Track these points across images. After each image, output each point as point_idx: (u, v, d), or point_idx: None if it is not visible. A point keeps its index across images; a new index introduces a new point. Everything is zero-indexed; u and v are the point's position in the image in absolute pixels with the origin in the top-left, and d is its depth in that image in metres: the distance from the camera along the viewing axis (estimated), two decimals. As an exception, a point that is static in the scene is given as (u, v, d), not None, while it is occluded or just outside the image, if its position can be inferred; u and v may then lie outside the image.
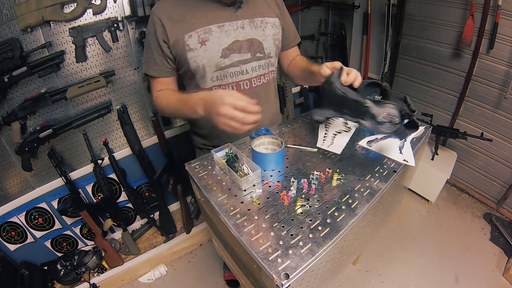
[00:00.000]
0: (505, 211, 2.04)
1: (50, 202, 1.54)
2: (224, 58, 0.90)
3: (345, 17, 2.47)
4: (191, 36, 0.87)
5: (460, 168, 2.24)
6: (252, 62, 0.94)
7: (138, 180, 1.80)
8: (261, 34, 0.93)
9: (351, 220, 0.68)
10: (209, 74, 0.91)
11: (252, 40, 0.92)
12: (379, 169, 0.86)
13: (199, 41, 0.87)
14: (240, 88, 0.96)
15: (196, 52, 0.88)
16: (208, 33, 0.87)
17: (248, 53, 0.93)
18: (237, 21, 0.90)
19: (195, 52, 0.88)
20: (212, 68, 0.90)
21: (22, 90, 1.26)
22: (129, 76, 1.50)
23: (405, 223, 2.01)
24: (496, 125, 1.93)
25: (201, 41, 0.87)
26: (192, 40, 0.87)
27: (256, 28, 0.92)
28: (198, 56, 0.88)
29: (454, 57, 2.03)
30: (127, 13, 1.35)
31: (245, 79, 0.95)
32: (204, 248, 1.94)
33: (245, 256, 0.67)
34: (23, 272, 1.45)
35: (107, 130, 1.56)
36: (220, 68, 0.91)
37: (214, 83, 0.94)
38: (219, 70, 0.91)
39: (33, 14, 1.14)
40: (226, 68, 0.92)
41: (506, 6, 1.67)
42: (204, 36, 0.87)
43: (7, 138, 1.30)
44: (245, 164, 0.84)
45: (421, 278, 1.65)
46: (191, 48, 0.87)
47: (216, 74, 0.92)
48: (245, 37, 0.91)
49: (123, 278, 1.72)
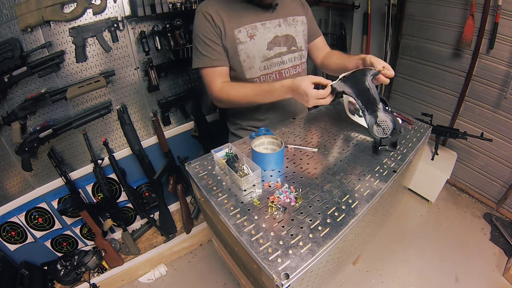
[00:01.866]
0: (505, 211, 2.04)
1: (50, 202, 1.54)
2: (269, 50, 1.03)
3: (345, 17, 2.47)
4: (241, 31, 0.99)
5: (460, 168, 2.24)
6: (288, 54, 1.08)
7: (138, 180, 1.80)
8: (294, 30, 1.08)
9: (351, 220, 0.68)
10: (257, 64, 1.04)
11: (287, 35, 1.07)
12: (379, 169, 0.86)
13: (248, 36, 1.00)
14: (282, 76, 1.09)
15: (246, 45, 1.00)
16: (255, 29, 1.00)
17: (285, 47, 1.07)
18: (275, 20, 1.04)
19: (245, 45, 1.00)
20: (260, 58, 1.03)
21: (22, 90, 1.26)
22: (129, 76, 1.50)
23: (405, 223, 2.01)
24: (496, 125, 1.93)
25: (250, 36, 1.00)
26: (241, 34, 0.99)
27: (289, 25, 1.07)
28: (248, 48, 1.01)
29: (454, 57, 2.03)
30: (127, 13, 1.35)
31: (285, 68, 1.09)
32: (204, 248, 1.94)
33: (245, 256, 0.67)
34: (23, 272, 1.45)
35: (107, 130, 1.56)
36: (267, 58, 1.04)
37: (262, 72, 1.06)
38: (266, 61, 1.04)
39: (33, 14, 1.14)
40: (271, 59, 1.05)
41: (506, 6, 1.67)
42: (252, 32, 1.00)
43: (7, 138, 1.30)
44: (245, 164, 0.84)
45: (421, 278, 1.65)
46: (242, 41, 0.99)
47: (264, 64, 1.05)
48: (282, 33, 1.05)
49: (123, 278, 1.72)
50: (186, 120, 1.82)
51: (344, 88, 0.90)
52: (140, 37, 1.42)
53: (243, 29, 0.99)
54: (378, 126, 0.84)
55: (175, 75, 1.65)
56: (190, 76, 1.71)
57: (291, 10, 1.09)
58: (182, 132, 1.83)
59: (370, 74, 0.88)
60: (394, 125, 0.84)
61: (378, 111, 0.84)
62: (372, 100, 0.86)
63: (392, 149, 0.90)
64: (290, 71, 1.10)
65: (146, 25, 1.43)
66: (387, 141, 0.88)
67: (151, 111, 1.66)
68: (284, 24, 1.06)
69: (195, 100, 1.76)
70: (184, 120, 1.82)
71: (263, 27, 1.01)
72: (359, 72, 0.89)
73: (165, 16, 1.42)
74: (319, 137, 1.03)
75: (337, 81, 0.89)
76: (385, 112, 0.85)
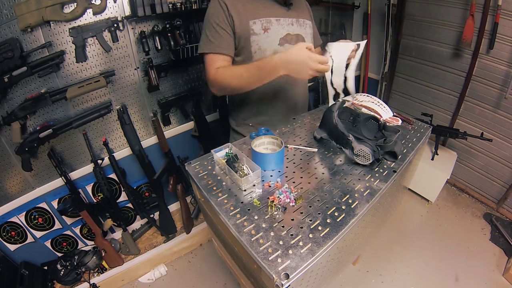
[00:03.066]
0: (505, 211, 2.04)
1: (50, 202, 1.54)
2: (281, 46, 1.04)
3: (345, 17, 2.47)
4: (255, 23, 1.00)
5: (460, 168, 2.24)
6: None
7: (138, 180, 1.81)
8: (304, 31, 1.11)
9: (351, 220, 0.68)
10: None
11: (298, 35, 1.09)
12: (379, 169, 0.86)
13: (262, 28, 1.01)
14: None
15: (260, 37, 1.01)
16: (269, 23, 1.02)
17: None
18: (289, 18, 1.06)
19: (258, 37, 1.01)
20: (271, 52, 1.03)
21: (22, 90, 1.26)
22: (129, 76, 1.50)
23: (405, 223, 2.01)
24: (496, 125, 1.93)
25: (264, 29, 1.01)
26: (256, 26, 1.00)
27: (300, 26, 1.10)
28: (260, 40, 1.02)
29: (454, 57, 2.03)
30: (127, 13, 1.36)
31: None
32: (204, 248, 1.94)
33: (245, 256, 0.67)
34: (23, 272, 1.45)
35: (107, 130, 1.56)
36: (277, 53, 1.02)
37: None
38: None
39: (33, 14, 1.14)
40: None
41: (506, 6, 1.67)
42: (266, 25, 1.01)
43: (7, 138, 1.30)
44: (245, 164, 0.84)
45: (421, 278, 1.65)
46: (256, 33, 1.00)
47: None
48: (294, 32, 1.07)
49: (123, 278, 1.72)
50: (186, 120, 1.82)
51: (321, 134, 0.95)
52: (140, 37, 1.42)
53: (258, 21, 1.00)
54: (357, 156, 0.84)
55: (175, 75, 1.65)
56: (190, 76, 1.71)
57: (303, 13, 1.12)
58: (182, 132, 1.83)
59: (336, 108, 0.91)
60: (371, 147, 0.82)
61: (352, 142, 0.84)
62: (341, 135, 0.87)
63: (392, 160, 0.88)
64: None
65: (146, 25, 1.43)
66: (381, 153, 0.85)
67: (151, 111, 1.66)
68: (297, 24, 1.08)
69: (195, 100, 1.76)
70: (184, 120, 1.82)
71: (277, 23, 1.03)
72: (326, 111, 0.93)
73: (165, 16, 1.42)
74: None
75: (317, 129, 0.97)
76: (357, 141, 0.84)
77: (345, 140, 0.86)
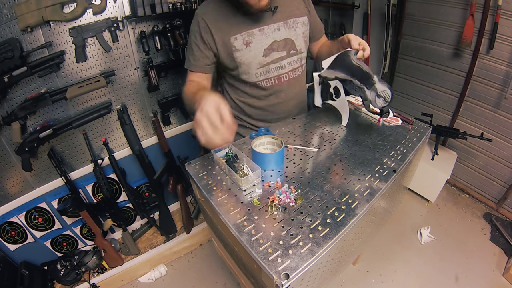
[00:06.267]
0: (505, 211, 2.04)
1: (50, 202, 1.54)
2: (266, 56, 1.03)
3: (345, 17, 2.47)
4: (237, 39, 0.98)
5: (460, 168, 2.24)
6: (288, 58, 1.08)
7: (138, 180, 1.81)
8: (293, 33, 1.07)
9: (351, 220, 0.68)
10: (253, 70, 1.04)
11: (286, 39, 1.06)
12: (379, 169, 0.86)
13: (244, 43, 0.99)
14: (281, 81, 1.10)
15: (242, 52, 1.00)
16: (251, 36, 1.00)
17: (284, 51, 1.06)
18: (274, 24, 1.03)
19: (241, 52, 1.00)
20: (256, 65, 1.03)
21: (22, 90, 1.26)
22: (129, 76, 1.50)
23: (405, 223, 2.01)
24: (496, 125, 1.93)
25: (246, 43, 1.00)
26: (237, 42, 0.99)
27: (289, 29, 1.06)
28: (244, 55, 1.00)
29: (454, 57, 2.03)
30: (127, 13, 1.35)
31: (283, 72, 1.09)
32: (204, 248, 1.94)
33: (245, 256, 0.67)
34: (23, 272, 1.45)
35: (107, 130, 1.56)
36: (263, 65, 1.04)
37: (258, 78, 1.06)
38: (262, 67, 1.05)
39: (33, 14, 1.14)
40: (268, 65, 1.05)
41: (506, 6, 1.67)
42: (248, 39, 1.00)
43: (7, 138, 1.30)
44: (245, 164, 0.84)
45: (421, 278, 1.65)
46: (238, 49, 0.99)
47: (260, 71, 1.05)
48: (280, 37, 1.04)
49: (123, 278, 1.72)
50: (186, 120, 1.82)
51: (335, 74, 0.93)
52: (140, 37, 1.42)
53: (239, 36, 0.98)
54: (379, 97, 0.87)
55: (175, 75, 1.65)
56: (190, 76, 1.71)
57: (292, 12, 1.07)
58: (182, 132, 1.83)
59: (353, 54, 0.92)
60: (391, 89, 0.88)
61: (376, 83, 0.86)
62: (366, 76, 0.88)
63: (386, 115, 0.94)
64: (290, 74, 1.11)
65: (146, 25, 1.43)
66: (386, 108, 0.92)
67: (151, 111, 1.66)
68: (284, 27, 1.04)
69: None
70: (184, 120, 1.82)
71: (260, 33, 1.01)
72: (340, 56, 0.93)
73: (165, 16, 1.42)
74: (319, 137, 1.03)
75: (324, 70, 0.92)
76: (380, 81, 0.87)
77: (370, 80, 0.87)
